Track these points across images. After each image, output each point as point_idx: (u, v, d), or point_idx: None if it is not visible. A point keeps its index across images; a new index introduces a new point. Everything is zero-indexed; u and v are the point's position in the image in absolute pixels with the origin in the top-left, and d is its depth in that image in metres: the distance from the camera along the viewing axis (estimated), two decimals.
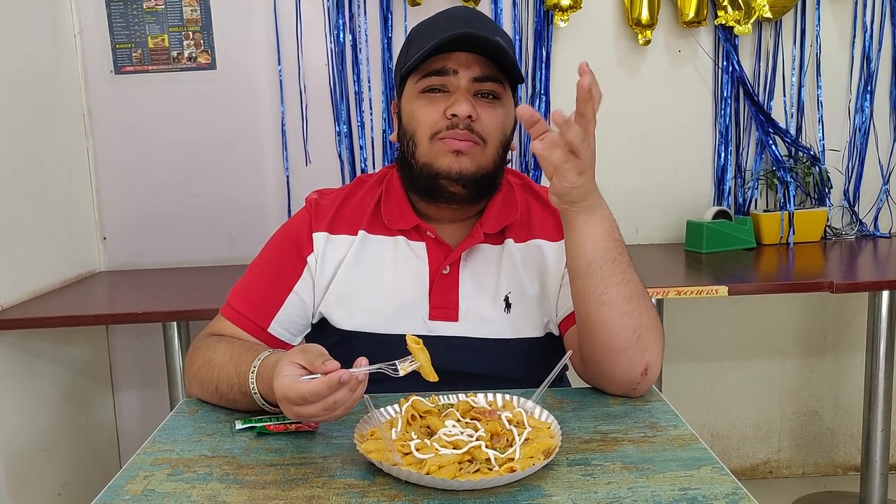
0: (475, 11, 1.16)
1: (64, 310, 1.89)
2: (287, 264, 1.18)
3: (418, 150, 1.11)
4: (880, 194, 2.43)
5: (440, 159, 1.09)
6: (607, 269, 1.00)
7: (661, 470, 0.84)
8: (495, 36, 1.08)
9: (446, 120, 1.08)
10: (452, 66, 1.08)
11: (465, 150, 1.08)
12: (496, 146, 1.11)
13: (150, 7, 2.26)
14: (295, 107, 2.33)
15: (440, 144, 1.09)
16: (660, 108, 2.38)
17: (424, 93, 1.11)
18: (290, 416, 0.90)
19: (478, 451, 0.82)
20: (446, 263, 1.15)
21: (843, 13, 2.35)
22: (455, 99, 1.08)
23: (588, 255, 1.00)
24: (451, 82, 1.09)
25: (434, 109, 1.09)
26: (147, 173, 2.34)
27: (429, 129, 1.10)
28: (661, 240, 2.44)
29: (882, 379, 2.11)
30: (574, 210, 0.99)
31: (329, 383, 0.84)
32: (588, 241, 1.00)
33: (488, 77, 1.09)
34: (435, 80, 1.10)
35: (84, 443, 2.25)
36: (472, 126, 1.08)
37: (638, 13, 2.24)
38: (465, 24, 1.09)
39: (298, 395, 0.86)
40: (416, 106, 1.11)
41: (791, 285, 1.92)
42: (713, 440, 2.57)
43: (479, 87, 1.10)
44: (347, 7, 2.27)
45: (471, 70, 1.09)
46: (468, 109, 1.07)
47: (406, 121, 1.14)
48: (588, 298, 1.01)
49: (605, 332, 1.01)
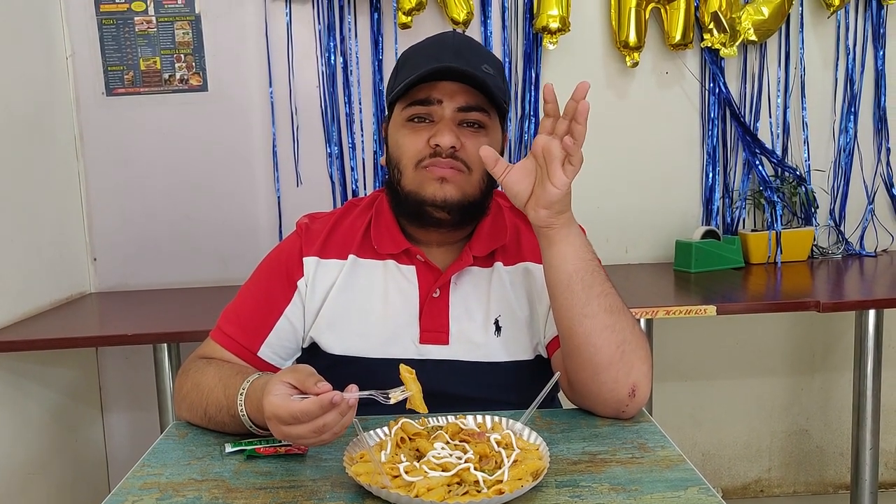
0: (464, 38, 1.17)
1: (54, 332, 1.88)
2: (277, 289, 1.18)
3: (404, 178, 1.12)
4: (865, 213, 2.46)
5: (425, 187, 1.11)
6: (588, 281, 1.02)
7: (649, 491, 0.85)
8: (483, 63, 1.09)
9: (430, 148, 1.10)
10: (437, 95, 1.09)
11: (449, 177, 1.10)
12: (481, 173, 1.12)
13: (142, 30, 2.28)
14: (286, 129, 2.34)
15: (424, 172, 1.10)
16: (648, 129, 2.41)
17: (410, 121, 1.12)
18: (277, 435, 0.90)
19: (467, 473, 0.83)
20: (436, 287, 1.16)
21: (826, 36, 2.39)
22: (438, 129, 1.09)
23: (570, 268, 1.02)
24: (436, 112, 1.10)
25: (418, 138, 1.11)
26: (138, 195, 2.34)
27: (413, 157, 1.11)
28: (650, 259, 2.46)
29: (870, 397, 2.11)
30: (558, 223, 1.01)
31: (321, 403, 0.84)
32: (569, 253, 1.02)
33: (473, 107, 1.10)
34: (420, 110, 1.11)
35: (73, 465, 2.23)
36: (457, 155, 1.09)
37: (625, 36, 2.27)
38: (453, 52, 1.10)
39: (289, 414, 0.86)
40: (401, 134, 1.13)
41: (779, 305, 1.94)
42: (704, 459, 2.58)
43: (464, 116, 1.10)
44: (338, 30, 2.30)
45: (455, 100, 1.09)
46: (451, 140, 1.08)
47: (392, 148, 1.15)
48: (571, 313, 1.03)
49: (589, 347, 1.02)
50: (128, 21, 2.27)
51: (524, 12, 2.31)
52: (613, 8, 2.29)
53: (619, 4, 2.27)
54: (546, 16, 2.21)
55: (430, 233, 1.16)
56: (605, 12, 2.33)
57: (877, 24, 2.36)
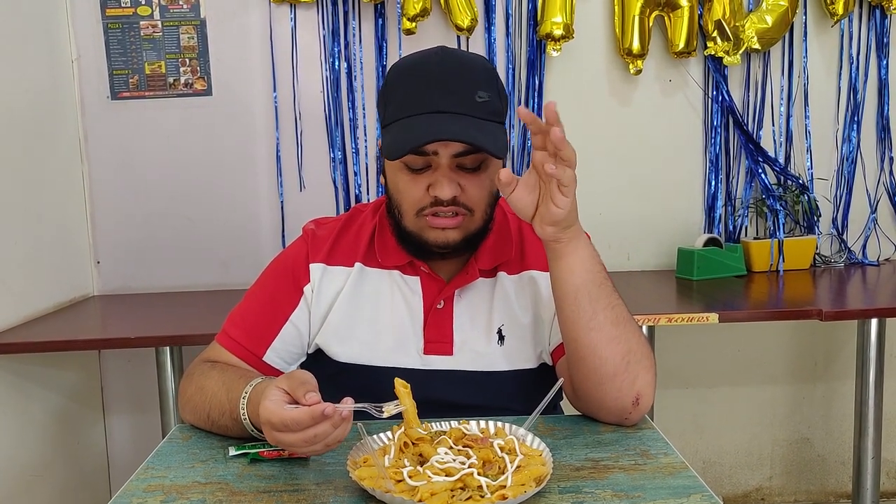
0: (451, 64, 1.07)
1: (56, 334, 1.88)
2: (283, 294, 1.18)
3: (405, 220, 1.11)
4: (868, 222, 2.46)
5: (427, 233, 1.09)
6: (594, 294, 1.02)
7: (652, 498, 0.85)
8: (476, 90, 1.04)
9: (430, 197, 1.07)
10: (432, 147, 1.05)
11: (451, 226, 1.08)
12: (483, 210, 1.11)
13: (148, 34, 2.29)
14: (290, 133, 2.35)
15: (426, 220, 1.09)
16: (651, 136, 2.41)
17: (407, 166, 1.08)
18: (270, 441, 0.90)
19: (470, 478, 0.83)
20: (440, 298, 1.16)
21: (830, 45, 2.39)
22: (436, 180, 1.06)
23: (577, 281, 1.02)
24: (433, 160, 1.06)
25: (416, 187, 1.08)
26: (142, 198, 2.35)
27: (413, 206, 1.09)
28: (652, 267, 2.46)
29: (872, 406, 2.11)
30: (566, 236, 1.00)
31: (312, 414, 0.84)
32: (577, 266, 1.02)
33: (468, 152, 1.06)
34: (416, 160, 1.07)
35: (75, 468, 2.23)
36: (458, 200, 1.07)
37: (629, 43, 2.28)
38: (440, 89, 1.04)
39: (280, 421, 0.86)
40: (399, 179, 1.09)
41: (781, 313, 1.94)
42: (705, 467, 2.57)
43: (460, 161, 1.07)
44: (343, 35, 2.30)
45: (450, 148, 1.05)
46: (451, 192, 1.06)
47: (391, 188, 1.12)
48: (577, 325, 1.02)
49: (594, 359, 1.02)
50: (133, 25, 2.28)
51: (528, 19, 2.31)
52: (617, 15, 2.30)
53: (623, 12, 2.27)
54: (550, 23, 2.22)
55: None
56: (609, 20, 2.34)
57: (880, 33, 2.37)
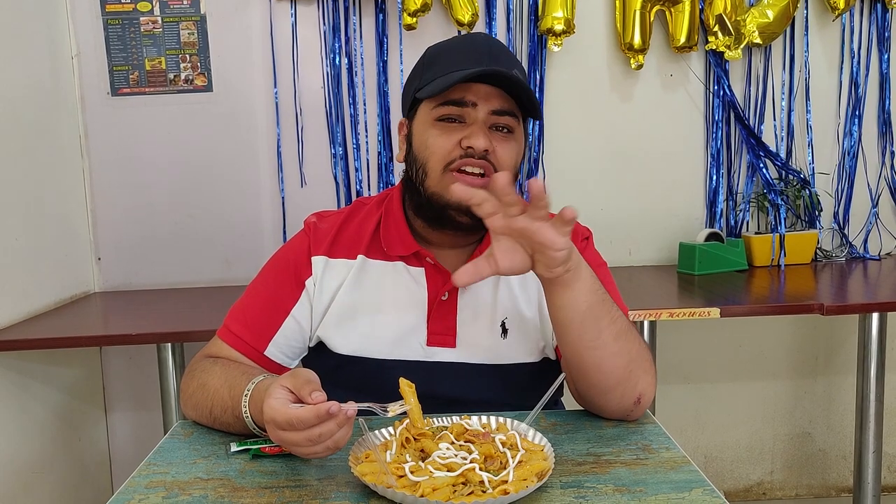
0: (496, 42, 1.15)
1: (58, 331, 1.88)
2: (285, 288, 1.18)
3: (428, 180, 1.11)
4: (869, 217, 2.45)
5: (451, 191, 1.07)
6: (598, 314, 1.00)
7: (654, 492, 0.85)
8: (514, 68, 1.08)
9: (461, 150, 1.08)
10: (472, 98, 1.08)
11: (478, 185, 1.06)
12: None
13: (148, 30, 2.28)
14: (291, 129, 2.35)
15: (451, 177, 1.08)
16: (652, 131, 2.41)
17: (440, 121, 1.10)
18: (274, 439, 0.90)
19: (472, 473, 0.83)
20: (445, 290, 1.16)
21: (831, 39, 2.39)
22: (472, 131, 1.08)
23: (583, 306, 0.99)
24: (469, 114, 1.08)
25: (448, 139, 1.09)
26: (142, 194, 2.35)
27: (442, 159, 1.09)
28: (653, 262, 2.46)
29: (873, 401, 2.11)
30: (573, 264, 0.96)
31: (317, 413, 0.84)
32: (581, 294, 0.99)
33: (506, 111, 1.09)
34: (453, 110, 1.09)
35: (76, 465, 2.23)
36: (487, 157, 1.08)
37: (630, 38, 2.28)
38: (487, 55, 1.09)
39: (285, 420, 0.85)
40: (430, 135, 1.10)
41: (782, 307, 1.93)
42: (706, 462, 2.58)
43: (496, 120, 1.09)
44: (343, 31, 2.30)
45: (490, 103, 1.08)
46: (486, 143, 1.07)
47: (417, 147, 1.13)
48: (580, 347, 1.01)
49: (598, 373, 1.02)
50: (133, 21, 2.28)
51: (529, 14, 2.31)
52: (618, 10, 2.29)
53: (624, 7, 2.27)
54: (551, 18, 2.22)
55: (443, 235, 1.15)
56: (610, 14, 2.33)
57: (882, 27, 2.36)
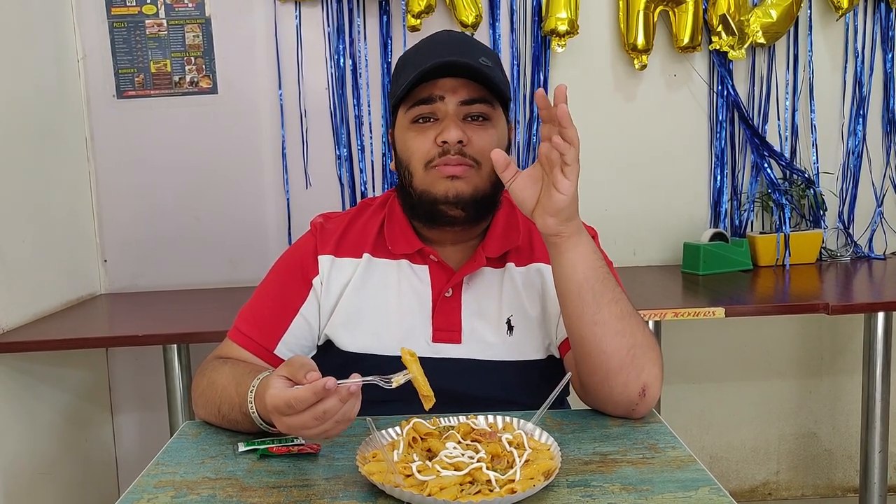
0: (459, 35, 1.19)
1: (64, 332, 1.89)
2: (292, 287, 1.19)
3: (415, 179, 1.13)
4: (874, 216, 2.45)
5: (436, 185, 1.11)
6: (598, 289, 1.02)
7: (660, 491, 0.85)
8: (480, 56, 1.10)
9: (438, 147, 1.10)
10: (439, 92, 1.10)
11: (459, 174, 1.10)
12: (491, 166, 1.11)
13: (153, 33, 2.29)
14: (295, 131, 2.35)
15: (435, 172, 1.11)
16: (656, 131, 2.41)
17: (415, 122, 1.13)
18: (282, 429, 0.90)
19: (479, 472, 0.83)
20: (449, 286, 1.16)
21: (835, 39, 2.39)
22: (444, 126, 1.10)
23: (579, 277, 1.02)
24: (440, 109, 1.11)
25: (425, 139, 1.11)
26: (148, 196, 2.35)
27: (422, 158, 1.12)
28: (658, 262, 2.46)
29: (879, 400, 2.11)
30: (566, 231, 1.01)
31: (314, 389, 0.84)
32: (579, 262, 1.02)
33: (476, 99, 1.11)
34: (423, 109, 1.11)
35: (82, 466, 2.24)
36: (465, 150, 1.10)
37: (634, 38, 2.28)
38: (448, 49, 1.11)
39: (284, 403, 0.86)
40: (408, 137, 1.13)
41: (787, 307, 1.93)
42: (712, 462, 2.57)
43: (467, 110, 1.11)
44: (348, 32, 2.31)
45: (458, 94, 1.10)
46: (457, 135, 1.09)
47: (400, 151, 1.16)
48: (581, 321, 1.03)
49: (600, 353, 1.03)
50: (139, 24, 2.29)
51: (533, 15, 2.31)
52: (622, 10, 2.29)
53: (628, 7, 2.27)
54: (554, 18, 2.22)
55: (443, 232, 1.17)
56: (614, 15, 2.33)
57: (885, 26, 2.36)
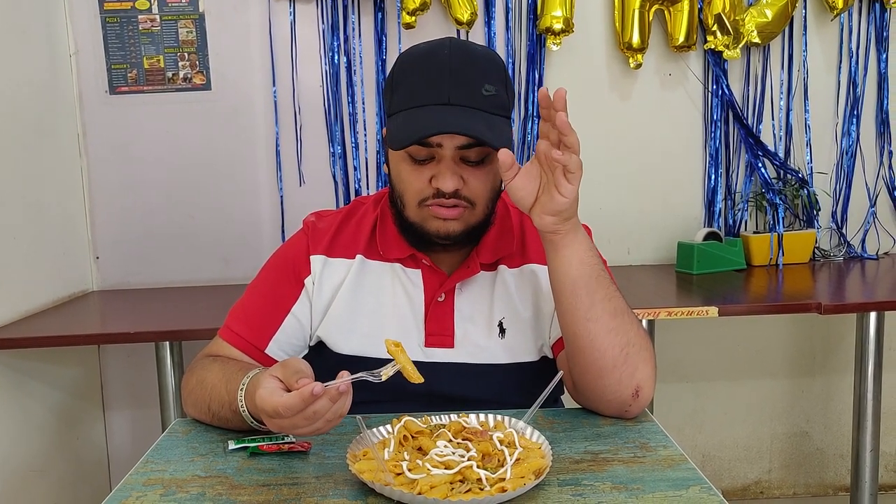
0: (461, 55, 1.07)
1: (56, 329, 1.88)
2: (284, 286, 1.19)
3: (407, 210, 1.11)
4: (867, 216, 2.46)
5: (429, 223, 1.09)
6: (592, 286, 1.02)
7: (651, 490, 0.85)
8: (484, 83, 1.04)
9: (432, 188, 1.07)
10: (436, 140, 1.05)
11: (454, 216, 1.08)
12: (485, 203, 1.10)
13: (146, 28, 2.28)
14: (289, 128, 2.35)
15: (428, 210, 1.08)
16: (650, 130, 2.41)
17: (410, 156, 1.08)
18: (272, 428, 0.91)
19: (469, 471, 0.83)
20: (441, 291, 1.16)
21: (830, 39, 2.39)
22: (440, 171, 1.06)
23: (574, 273, 1.02)
24: (436, 152, 1.06)
25: (419, 177, 1.08)
26: (141, 193, 2.34)
27: (416, 195, 1.08)
28: (652, 261, 2.46)
29: (871, 400, 2.11)
30: (564, 229, 1.00)
31: (302, 396, 0.85)
32: (574, 259, 1.02)
33: (473, 144, 1.05)
34: (420, 152, 1.07)
35: (74, 463, 2.23)
36: (460, 194, 1.07)
37: (629, 37, 2.28)
38: (451, 79, 1.04)
39: (272, 409, 0.87)
40: (402, 168, 1.09)
41: (780, 306, 1.94)
42: (704, 460, 2.58)
43: (464, 153, 1.06)
44: (342, 29, 2.30)
45: (455, 140, 1.05)
46: (454, 184, 1.05)
47: (394, 175, 1.12)
48: (575, 317, 1.03)
49: (593, 351, 1.02)
50: (131, 19, 2.27)
51: (528, 13, 2.31)
52: (617, 9, 2.29)
53: (623, 6, 2.27)
54: (550, 17, 2.22)
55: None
56: (609, 14, 2.33)
57: (880, 27, 2.36)
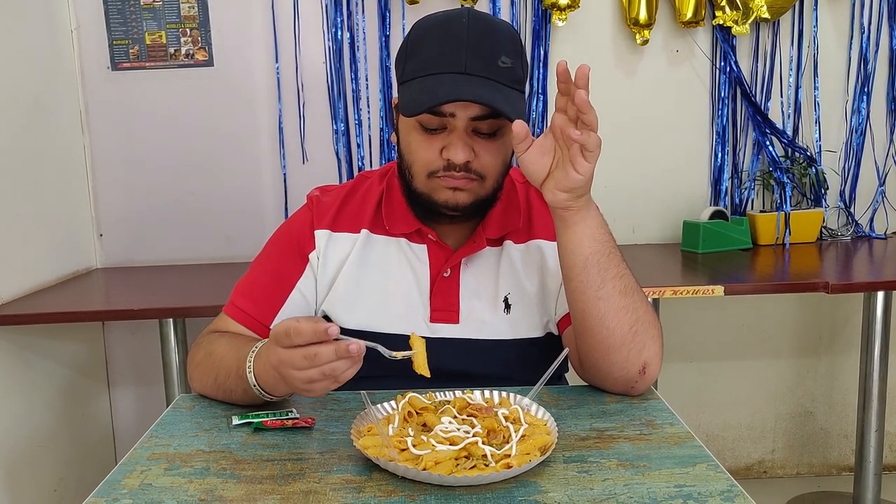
0: (479, 25, 1.04)
1: (60, 306, 1.89)
2: (289, 261, 1.18)
3: (416, 181, 1.09)
4: (876, 195, 2.43)
5: (438, 193, 1.08)
6: (603, 263, 1.01)
7: (657, 467, 0.85)
8: (501, 55, 1.02)
9: (443, 160, 1.05)
10: (450, 109, 1.02)
11: (462, 186, 1.06)
12: (495, 178, 1.09)
13: (148, 4, 2.26)
14: (292, 105, 2.33)
15: (437, 181, 1.07)
16: (657, 107, 2.38)
17: (421, 125, 1.06)
18: (272, 363, 0.90)
19: (474, 447, 0.83)
20: (447, 267, 1.15)
21: (841, 14, 2.35)
22: (451, 142, 1.04)
23: (586, 251, 1.01)
24: (448, 122, 1.04)
25: (430, 148, 1.06)
26: (144, 170, 2.33)
27: (425, 166, 1.07)
28: (657, 240, 2.44)
29: (876, 380, 2.11)
30: (577, 205, 0.99)
31: (315, 328, 0.84)
32: (586, 236, 1.01)
33: (487, 115, 1.03)
34: (432, 121, 1.04)
35: (80, 439, 2.24)
36: (470, 167, 1.05)
37: (636, 13, 2.25)
38: (468, 50, 1.02)
39: (284, 329, 0.86)
40: (412, 139, 1.07)
41: (787, 286, 1.93)
42: (708, 440, 2.58)
43: (477, 125, 1.04)
44: (345, 5, 2.27)
45: (468, 110, 1.03)
46: (464, 156, 1.04)
47: (403, 147, 1.10)
48: (585, 295, 1.02)
49: (602, 329, 1.02)
50: None
51: None
52: None
53: None
54: None
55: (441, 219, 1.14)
56: None
57: (893, 2, 2.32)
